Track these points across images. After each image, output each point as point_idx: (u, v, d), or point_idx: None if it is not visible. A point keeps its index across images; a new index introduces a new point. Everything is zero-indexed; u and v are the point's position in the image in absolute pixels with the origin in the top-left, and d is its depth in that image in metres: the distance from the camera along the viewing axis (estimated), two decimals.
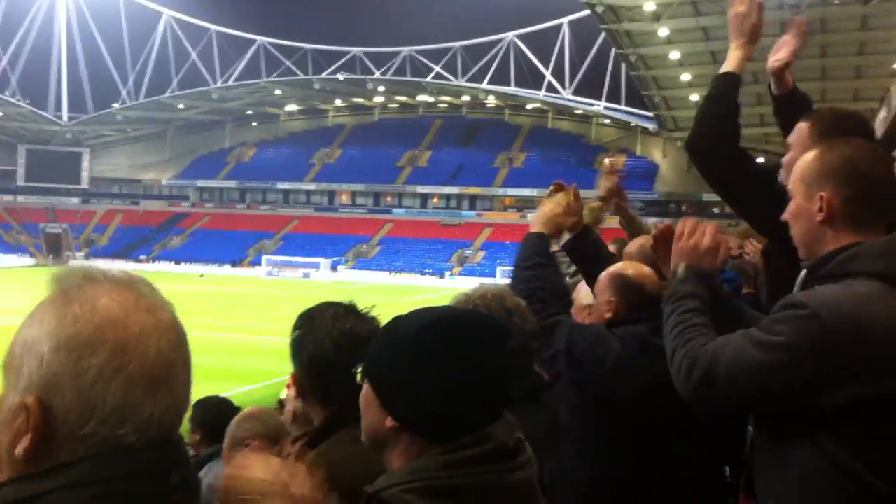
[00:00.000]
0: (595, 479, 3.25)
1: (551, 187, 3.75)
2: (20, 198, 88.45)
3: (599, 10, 42.56)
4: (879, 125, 24.20)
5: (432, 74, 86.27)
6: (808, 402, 2.07)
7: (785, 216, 2.36)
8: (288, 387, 2.69)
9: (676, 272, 2.53)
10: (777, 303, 2.18)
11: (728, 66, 3.18)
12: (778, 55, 3.41)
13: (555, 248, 3.92)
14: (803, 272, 2.34)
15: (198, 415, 5.01)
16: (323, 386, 2.32)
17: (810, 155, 2.32)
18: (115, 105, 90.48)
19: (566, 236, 3.92)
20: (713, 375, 2.14)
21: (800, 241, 2.33)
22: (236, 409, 5.04)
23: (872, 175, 2.22)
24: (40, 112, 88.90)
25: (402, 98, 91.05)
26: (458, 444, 1.51)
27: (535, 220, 3.65)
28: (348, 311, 2.41)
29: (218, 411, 4.98)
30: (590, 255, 3.84)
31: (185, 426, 1.12)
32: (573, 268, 4.11)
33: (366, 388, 1.65)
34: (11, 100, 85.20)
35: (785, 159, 2.81)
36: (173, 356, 1.25)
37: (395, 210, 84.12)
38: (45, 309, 1.24)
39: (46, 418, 1.19)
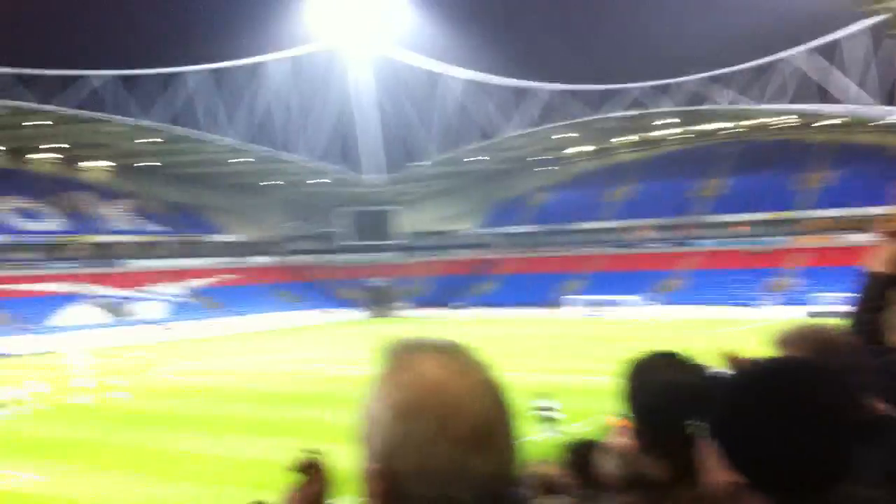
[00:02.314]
0: None
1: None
2: (345, 256, 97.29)
3: None
4: None
5: (726, 100, 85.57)
6: None
7: None
8: (614, 429, 2.72)
9: None
10: None
11: None
12: None
13: None
14: None
15: (569, 459, 5.01)
16: (654, 436, 2.31)
17: None
18: (416, 164, 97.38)
19: None
20: None
21: None
22: (597, 450, 4.89)
23: None
24: (355, 175, 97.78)
25: (690, 127, 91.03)
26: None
27: (878, 259, 3.12)
28: (674, 359, 2.41)
29: (582, 456, 4.86)
30: None
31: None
32: None
33: (709, 443, 1.64)
34: (329, 167, 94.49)
35: None
36: (493, 416, 1.33)
37: (697, 241, 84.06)
38: (381, 381, 1.36)
39: (391, 483, 1.31)
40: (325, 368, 45.60)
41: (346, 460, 1.74)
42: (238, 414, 33.10)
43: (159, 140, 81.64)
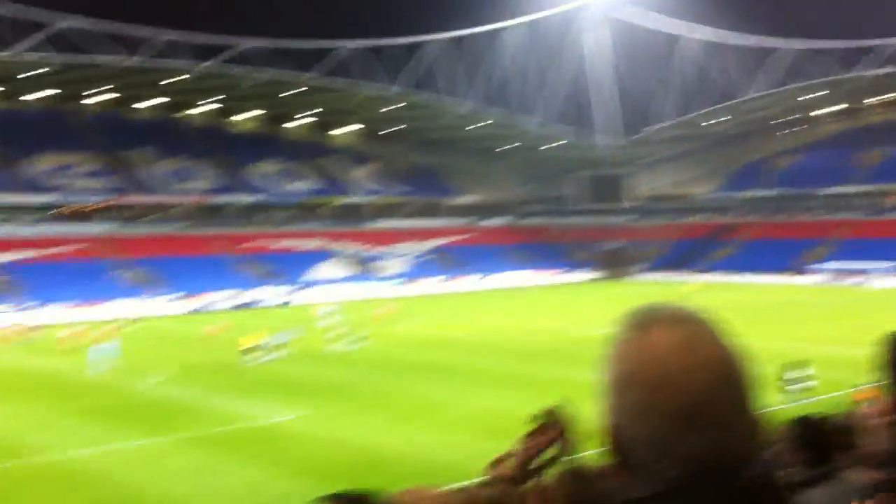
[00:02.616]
0: None
1: None
2: (579, 219, 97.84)
3: None
4: None
5: None
6: None
7: None
8: (857, 401, 2.46)
9: None
10: None
11: None
12: None
13: None
14: None
15: (798, 432, 4.68)
16: None
17: None
18: (653, 127, 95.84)
19: None
20: None
21: None
22: (833, 426, 4.75)
23: None
24: (590, 139, 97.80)
25: None
26: None
27: None
28: None
29: (816, 431, 4.64)
30: None
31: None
32: None
33: None
34: (564, 130, 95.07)
35: None
36: (715, 393, 1.30)
37: None
38: (613, 347, 1.39)
39: (615, 443, 1.38)
40: (561, 327, 46.57)
41: (588, 416, 2.04)
42: (475, 366, 34.48)
43: (403, 106, 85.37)
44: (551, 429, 2.34)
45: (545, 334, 44.32)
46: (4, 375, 36.41)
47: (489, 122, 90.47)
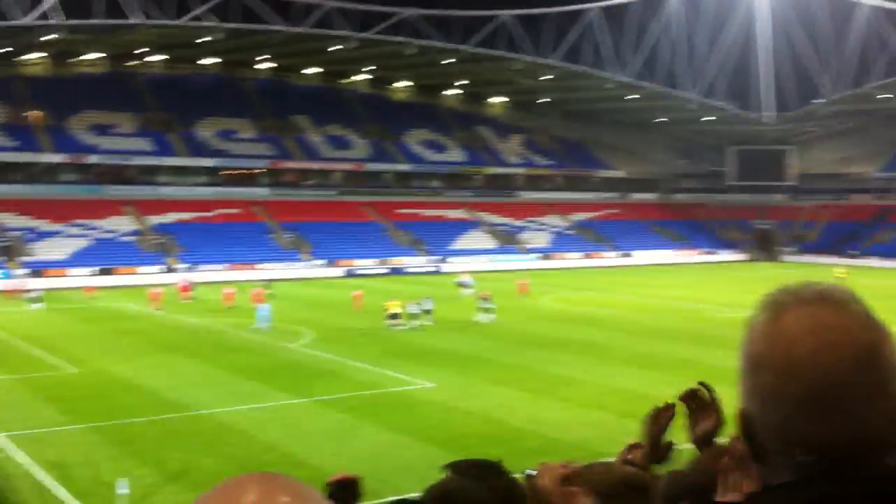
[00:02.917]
0: None
1: None
2: (731, 196, 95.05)
3: None
4: None
5: None
6: None
7: None
8: None
9: None
10: None
11: None
12: None
13: None
14: None
15: None
16: None
17: None
18: (818, 100, 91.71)
19: None
20: None
21: None
22: None
23: None
24: (746, 113, 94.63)
25: None
26: None
27: None
28: None
29: None
30: None
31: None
32: None
33: None
34: (720, 104, 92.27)
35: None
36: (850, 377, 1.23)
37: None
38: (747, 326, 1.35)
39: (745, 429, 1.34)
40: (706, 308, 45.81)
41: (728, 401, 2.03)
42: (615, 344, 34.54)
43: (553, 77, 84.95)
44: (703, 410, 2.30)
45: (686, 314, 43.82)
46: (166, 332, 39.16)
47: (644, 93, 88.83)
